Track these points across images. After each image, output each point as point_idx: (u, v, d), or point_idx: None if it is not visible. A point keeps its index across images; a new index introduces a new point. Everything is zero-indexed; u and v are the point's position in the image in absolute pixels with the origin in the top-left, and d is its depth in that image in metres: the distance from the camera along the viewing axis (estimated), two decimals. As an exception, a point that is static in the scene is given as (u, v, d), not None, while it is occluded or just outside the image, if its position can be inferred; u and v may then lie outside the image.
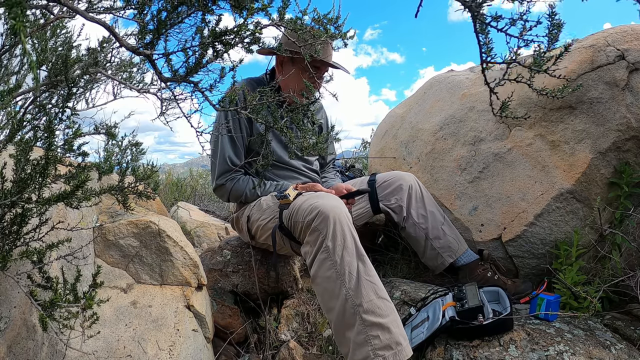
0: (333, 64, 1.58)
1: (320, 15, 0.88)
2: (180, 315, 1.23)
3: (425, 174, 1.86)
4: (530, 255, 1.49)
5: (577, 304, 1.22)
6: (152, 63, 0.68)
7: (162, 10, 0.61)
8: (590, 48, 1.41)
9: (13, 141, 0.73)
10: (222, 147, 1.55)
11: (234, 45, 0.66)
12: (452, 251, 1.53)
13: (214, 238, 2.62)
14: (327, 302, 1.13)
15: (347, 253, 1.12)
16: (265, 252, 1.75)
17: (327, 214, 1.16)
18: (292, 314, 1.64)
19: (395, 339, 1.04)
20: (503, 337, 1.13)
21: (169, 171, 4.65)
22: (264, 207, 1.50)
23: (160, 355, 1.10)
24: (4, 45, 0.99)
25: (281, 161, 1.64)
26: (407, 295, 1.49)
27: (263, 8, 0.65)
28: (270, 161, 1.09)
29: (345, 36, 0.92)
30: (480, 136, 1.69)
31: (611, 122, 1.35)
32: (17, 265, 0.84)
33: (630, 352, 1.06)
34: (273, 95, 0.88)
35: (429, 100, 2.06)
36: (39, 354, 0.89)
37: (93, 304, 0.76)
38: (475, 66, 2.15)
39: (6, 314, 0.82)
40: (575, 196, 1.41)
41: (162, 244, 1.31)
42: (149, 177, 1.22)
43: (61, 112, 0.78)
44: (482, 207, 1.62)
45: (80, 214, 1.23)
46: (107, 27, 0.63)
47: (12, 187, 0.69)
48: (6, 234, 0.74)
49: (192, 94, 0.73)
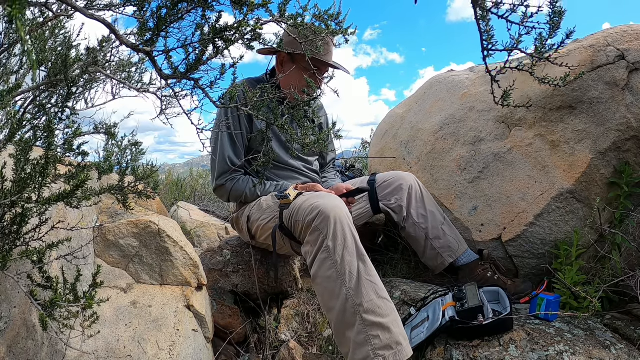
0: (333, 64, 1.58)
1: (321, 11, 0.88)
2: (180, 315, 1.23)
3: (425, 174, 1.86)
4: (530, 255, 1.49)
5: (577, 304, 1.22)
6: (152, 60, 0.68)
7: (162, 7, 0.61)
8: (590, 48, 1.41)
9: (13, 141, 0.73)
10: (222, 147, 1.55)
11: (234, 41, 0.66)
12: (452, 251, 1.53)
13: (214, 238, 2.62)
14: (328, 301, 1.13)
15: (348, 253, 1.12)
16: (265, 252, 1.74)
17: (327, 214, 1.16)
18: (292, 314, 1.63)
19: (395, 339, 1.04)
20: (503, 337, 1.13)
21: (169, 171, 4.64)
22: (264, 207, 1.50)
23: (160, 355, 1.10)
24: (3, 44, 0.99)
25: (281, 161, 1.64)
26: (407, 295, 1.49)
27: (263, 4, 0.65)
28: (270, 159, 1.09)
29: (346, 32, 0.92)
30: (480, 136, 1.69)
31: (611, 122, 1.35)
32: (17, 265, 0.84)
33: (630, 352, 1.06)
34: (274, 92, 0.88)
35: (429, 100, 2.06)
36: (39, 354, 0.89)
37: (93, 304, 0.76)
38: (475, 66, 2.15)
39: (6, 314, 0.82)
40: (575, 196, 1.41)
41: (162, 244, 1.30)
42: (149, 176, 1.22)
43: (61, 112, 0.78)
44: (482, 207, 1.62)
45: (80, 214, 1.23)
46: (107, 25, 0.63)
47: (12, 187, 0.69)
48: (6, 234, 0.74)
49: (193, 91, 0.73)
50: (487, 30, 0.70)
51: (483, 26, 0.70)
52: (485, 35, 0.71)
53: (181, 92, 0.75)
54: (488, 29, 0.70)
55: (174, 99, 0.78)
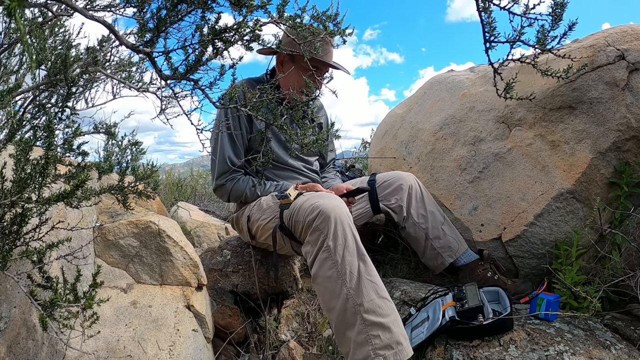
0: (333, 64, 1.58)
1: (319, 12, 0.88)
2: (180, 315, 1.23)
3: (425, 174, 1.86)
4: (530, 255, 1.49)
5: (577, 304, 1.22)
6: (152, 61, 0.68)
7: (162, 8, 0.61)
8: (590, 48, 1.41)
9: (13, 141, 0.73)
10: (221, 147, 1.55)
11: (233, 42, 0.66)
12: (452, 251, 1.53)
13: (214, 238, 2.62)
14: (328, 301, 1.13)
15: (348, 252, 1.12)
16: (265, 252, 1.74)
17: (328, 214, 1.16)
18: (292, 314, 1.63)
19: (395, 339, 1.04)
20: (503, 337, 1.13)
21: (169, 171, 4.64)
22: (265, 207, 1.50)
23: (160, 355, 1.10)
24: (2, 44, 0.99)
25: (281, 161, 1.64)
26: (407, 295, 1.49)
27: (262, 5, 0.65)
28: (269, 159, 1.09)
29: (344, 33, 0.92)
30: (480, 136, 1.69)
31: (611, 122, 1.35)
32: (17, 265, 0.84)
33: (630, 352, 1.06)
34: (273, 93, 0.88)
35: (429, 100, 2.06)
36: (39, 354, 0.89)
37: (93, 304, 0.76)
38: (475, 66, 2.15)
39: (6, 314, 0.82)
40: (575, 196, 1.41)
41: (162, 244, 1.30)
42: (149, 176, 1.22)
43: (61, 112, 0.77)
44: (482, 207, 1.62)
45: (80, 214, 1.23)
46: (107, 25, 0.63)
47: (12, 187, 0.69)
48: (6, 234, 0.74)
49: (192, 91, 0.73)
50: (489, 22, 0.70)
51: (485, 18, 0.69)
52: (488, 27, 0.71)
53: (181, 92, 0.75)
54: (490, 20, 0.70)
55: (173, 99, 0.78)
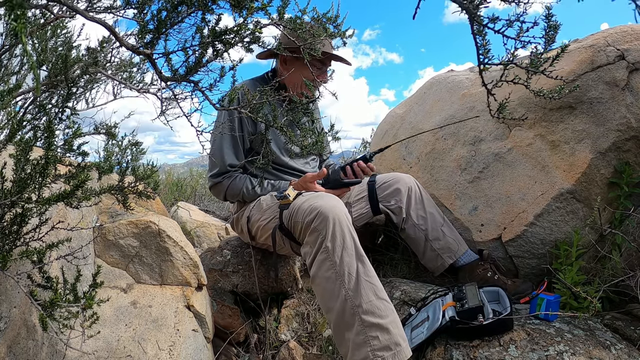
0: (337, 55, 1.58)
1: (320, 14, 0.88)
2: (180, 315, 1.23)
3: (425, 174, 1.86)
4: (530, 255, 1.49)
5: (577, 304, 1.22)
6: (152, 62, 0.68)
7: (162, 10, 0.61)
8: (590, 48, 1.41)
9: (13, 141, 0.73)
10: (221, 147, 1.55)
11: (233, 44, 0.66)
12: (452, 252, 1.53)
13: (214, 238, 2.62)
14: (327, 302, 1.13)
15: (347, 254, 1.12)
16: (265, 252, 1.75)
17: (326, 215, 1.16)
18: (292, 314, 1.64)
19: (394, 340, 1.04)
20: (503, 337, 1.13)
21: (169, 171, 4.64)
22: (264, 207, 1.50)
23: (160, 355, 1.10)
24: (4, 45, 0.99)
25: (280, 163, 1.64)
26: (407, 295, 1.49)
27: (262, 7, 0.65)
28: (269, 161, 1.09)
29: (344, 35, 0.92)
30: (480, 136, 1.69)
31: (611, 122, 1.35)
32: (17, 265, 0.84)
33: (630, 352, 1.06)
34: (273, 94, 0.88)
35: (429, 100, 2.06)
36: (39, 354, 0.89)
37: (93, 304, 0.76)
38: (474, 66, 2.15)
39: (6, 314, 0.82)
40: (575, 196, 1.41)
41: (162, 244, 1.31)
42: (149, 176, 1.22)
43: (61, 112, 0.78)
44: (482, 207, 1.62)
45: (80, 214, 1.23)
46: (107, 27, 0.63)
47: (12, 187, 0.69)
48: (6, 234, 0.74)
49: (192, 93, 0.73)
50: (483, 45, 0.71)
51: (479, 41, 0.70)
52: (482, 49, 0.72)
53: (181, 94, 0.75)
54: (484, 43, 0.71)
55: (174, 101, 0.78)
